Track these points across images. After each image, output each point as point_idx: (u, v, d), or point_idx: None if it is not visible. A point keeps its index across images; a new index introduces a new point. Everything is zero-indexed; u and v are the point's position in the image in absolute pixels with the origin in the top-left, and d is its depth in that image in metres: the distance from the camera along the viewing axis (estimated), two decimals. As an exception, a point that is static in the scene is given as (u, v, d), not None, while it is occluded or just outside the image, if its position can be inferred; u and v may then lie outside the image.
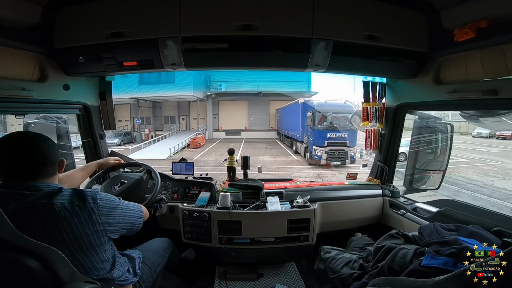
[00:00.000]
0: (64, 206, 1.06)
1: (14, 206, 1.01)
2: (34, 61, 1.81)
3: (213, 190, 2.42)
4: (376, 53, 1.90)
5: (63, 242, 1.06)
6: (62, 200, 1.07)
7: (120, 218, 1.24)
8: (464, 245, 1.22)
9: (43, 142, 1.14)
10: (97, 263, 1.17)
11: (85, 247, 1.11)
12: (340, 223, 2.43)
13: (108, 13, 1.75)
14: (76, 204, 1.09)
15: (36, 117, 2.36)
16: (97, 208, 1.13)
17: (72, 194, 1.11)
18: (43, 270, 0.94)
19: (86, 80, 2.28)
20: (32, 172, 1.09)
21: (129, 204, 1.34)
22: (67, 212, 1.06)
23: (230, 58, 1.90)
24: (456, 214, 1.88)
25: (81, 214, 1.09)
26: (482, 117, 1.99)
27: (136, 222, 1.36)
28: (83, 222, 1.09)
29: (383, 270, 1.38)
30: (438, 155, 2.60)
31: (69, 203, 1.08)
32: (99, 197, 1.16)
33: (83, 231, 1.10)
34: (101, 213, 1.15)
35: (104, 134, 2.58)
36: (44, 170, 1.12)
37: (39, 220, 1.03)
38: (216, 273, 2.42)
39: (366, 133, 2.66)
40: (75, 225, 1.07)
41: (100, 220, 1.14)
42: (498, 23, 1.42)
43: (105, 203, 1.18)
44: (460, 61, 1.76)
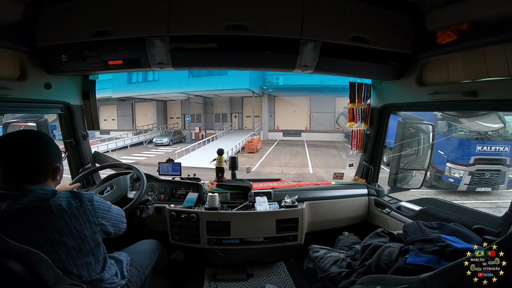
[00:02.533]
0: (62, 208, 1.07)
1: (8, 207, 1.01)
2: (14, 59, 1.74)
3: (200, 190, 2.40)
4: (363, 54, 1.92)
5: (62, 243, 1.06)
6: (60, 202, 1.08)
7: (112, 220, 1.28)
8: (447, 243, 1.27)
9: (40, 146, 1.13)
10: (92, 264, 1.17)
11: (83, 247, 1.12)
12: (328, 222, 2.47)
13: (93, 11, 1.70)
14: (73, 205, 1.10)
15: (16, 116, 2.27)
16: (94, 210, 1.16)
17: (69, 196, 1.12)
18: (26, 273, 0.93)
19: (68, 79, 2.20)
20: (26, 175, 1.08)
21: (116, 208, 1.38)
22: (65, 213, 1.07)
23: (218, 58, 1.89)
24: (438, 212, 1.94)
25: (79, 215, 1.11)
26: (462, 118, 2.07)
27: (122, 226, 1.39)
28: (81, 223, 1.11)
29: (370, 268, 1.41)
30: (420, 154, 2.69)
31: (66, 205, 1.08)
32: (95, 199, 1.19)
33: (82, 232, 1.11)
34: (98, 215, 1.18)
35: (87, 134, 2.51)
36: (38, 175, 1.11)
37: (37, 222, 1.03)
38: (205, 274, 2.40)
39: (352, 134, 2.71)
40: (73, 226, 1.08)
41: (97, 221, 1.17)
42: (479, 26, 1.47)
43: (100, 205, 1.21)
44: (442, 63, 1.82)
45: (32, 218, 1.02)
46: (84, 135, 2.46)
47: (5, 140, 1.11)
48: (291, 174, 12.62)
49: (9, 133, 1.15)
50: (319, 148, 19.41)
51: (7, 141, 1.11)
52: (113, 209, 1.32)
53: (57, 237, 1.04)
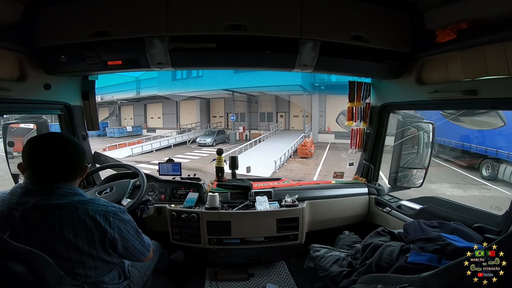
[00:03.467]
0: (87, 212, 1.09)
1: (36, 202, 1.05)
2: (13, 60, 1.74)
3: (201, 190, 2.40)
4: (362, 53, 1.93)
5: (75, 245, 1.07)
6: (87, 206, 1.11)
7: (128, 243, 1.24)
8: (448, 242, 1.27)
9: (73, 147, 1.18)
10: (99, 267, 1.18)
11: (93, 252, 1.12)
12: (328, 222, 2.47)
13: (92, 11, 1.70)
14: (98, 213, 1.12)
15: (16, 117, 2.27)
16: (115, 224, 1.16)
17: (98, 203, 1.15)
18: (28, 274, 0.93)
19: (68, 80, 2.20)
20: (59, 175, 1.13)
21: (143, 237, 1.35)
22: (87, 218, 1.09)
23: (218, 58, 1.89)
24: (438, 211, 1.94)
25: (100, 224, 1.11)
26: (461, 117, 2.07)
27: (139, 257, 1.33)
28: (101, 232, 1.12)
29: (371, 267, 1.41)
30: (420, 153, 2.69)
31: (92, 211, 1.11)
32: (121, 216, 1.19)
33: (96, 238, 1.11)
34: (118, 232, 1.17)
35: (87, 135, 2.51)
36: (69, 174, 1.16)
37: (58, 220, 1.05)
38: (206, 274, 2.40)
39: (352, 133, 2.71)
40: (91, 233, 1.10)
41: (116, 236, 1.16)
42: (478, 25, 1.48)
43: (126, 225, 1.21)
44: (441, 62, 1.82)
45: (56, 216, 1.05)
46: (84, 135, 2.46)
47: (38, 141, 1.16)
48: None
49: (41, 134, 1.20)
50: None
51: (41, 142, 1.16)
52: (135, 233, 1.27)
53: (73, 239, 1.06)
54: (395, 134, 2.64)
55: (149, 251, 1.38)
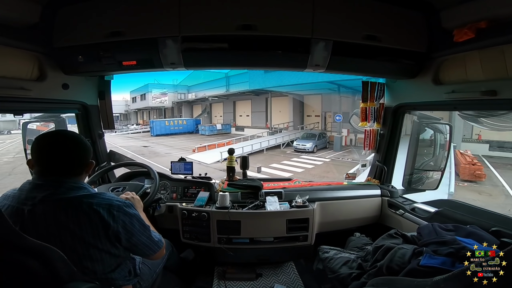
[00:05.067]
0: (92, 207, 1.12)
1: (43, 197, 1.09)
2: (33, 60, 1.80)
3: (212, 189, 2.42)
4: (376, 53, 1.89)
5: (81, 238, 1.10)
6: (92, 200, 1.14)
7: (135, 239, 1.24)
8: (462, 245, 1.23)
9: (79, 144, 1.23)
10: (107, 260, 1.20)
11: (100, 245, 1.15)
12: (339, 223, 2.43)
13: (108, 12, 1.74)
14: (101, 206, 1.13)
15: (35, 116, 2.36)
16: (119, 217, 1.17)
17: (103, 197, 1.18)
18: (42, 269, 0.95)
19: (85, 80, 2.27)
20: (66, 169, 1.17)
21: (152, 233, 1.35)
22: (92, 211, 1.11)
23: (229, 58, 1.90)
24: (454, 214, 1.88)
25: (104, 217, 1.13)
26: (480, 118, 2.00)
27: (147, 252, 1.33)
28: (104, 225, 1.13)
29: (381, 270, 1.38)
30: (436, 155, 2.62)
31: (96, 204, 1.13)
32: (125, 210, 1.20)
33: (102, 231, 1.13)
34: (122, 225, 1.18)
35: (103, 134, 2.58)
36: (75, 169, 1.20)
37: (65, 214, 1.09)
38: (215, 273, 2.42)
39: (365, 133, 2.67)
40: (96, 225, 1.12)
41: (120, 229, 1.17)
42: (497, 24, 1.43)
43: (132, 218, 1.22)
44: (459, 61, 1.77)
45: (62, 210, 1.09)
46: (100, 134, 2.53)
47: (46, 138, 1.21)
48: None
49: (49, 131, 1.26)
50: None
51: (48, 138, 1.21)
52: (142, 228, 1.26)
53: (78, 231, 1.09)
54: (410, 135, 2.58)
55: (160, 247, 1.37)
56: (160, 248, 1.38)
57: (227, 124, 29.57)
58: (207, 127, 28.32)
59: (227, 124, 29.57)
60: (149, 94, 34.88)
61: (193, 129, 30.44)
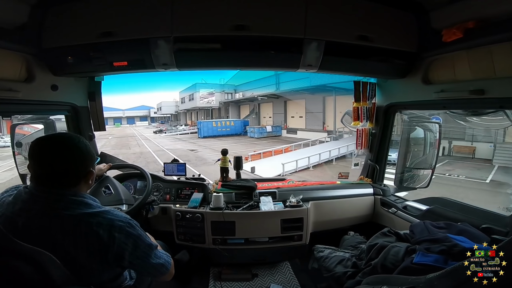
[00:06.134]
0: (91, 228, 1.02)
1: (39, 211, 1.01)
2: (21, 61, 1.77)
3: (205, 190, 2.41)
4: (367, 53, 1.92)
5: (74, 258, 1.01)
6: (92, 219, 1.04)
7: (139, 262, 1.15)
8: (454, 242, 1.26)
9: (76, 151, 1.10)
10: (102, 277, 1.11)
11: (95, 266, 1.06)
12: (333, 222, 2.45)
13: (98, 13, 1.71)
14: (102, 227, 1.04)
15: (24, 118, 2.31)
16: (121, 240, 1.07)
17: (104, 217, 1.07)
18: (35, 274, 0.93)
19: (74, 81, 2.23)
20: (59, 179, 1.06)
21: (159, 253, 1.23)
22: (90, 233, 1.02)
23: (222, 58, 1.90)
24: (445, 211, 1.92)
25: (103, 239, 1.03)
26: (468, 117, 2.04)
27: (154, 274, 1.25)
28: (103, 249, 1.04)
29: (376, 268, 1.40)
30: (427, 153, 2.66)
31: (96, 225, 1.03)
32: (128, 231, 1.09)
33: (99, 256, 1.05)
34: (124, 248, 1.08)
35: (93, 135, 2.53)
36: (70, 179, 1.09)
37: (61, 231, 1.00)
38: (210, 274, 2.41)
39: (357, 133, 2.69)
40: (92, 249, 1.03)
41: (121, 252, 1.08)
42: (485, 24, 1.46)
43: (135, 240, 1.11)
44: (448, 61, 1.80)
45: (58, 228, 1.00)
46: (90, 136, 2.48)
47: (40, 143, 1.09)
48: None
49: (45, 135, 1.14)
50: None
51: (43, 144, 1.09)
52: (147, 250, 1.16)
53: (73, 253, 1.01)
54: (401, 134, 2.62)
55: (167, 270, 1.26)
56: (168, 270, 1.27)
57: (278, 126, 27.19)
58: (256, 129, 26.06)
59: (278, 126, 27.19)
60: (197, 94, 33.64)
61: (241, 131, 28.65)
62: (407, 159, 2.60)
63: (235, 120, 30.79)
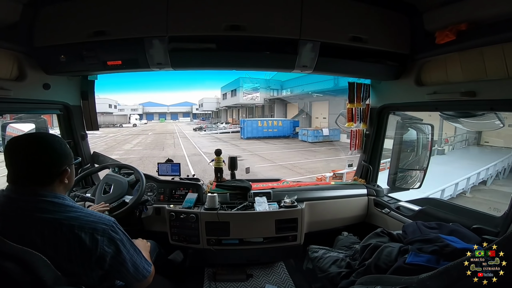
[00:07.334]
0: (73, 231, 1.01)
1: (18, 215, 1.00)
2: (12, 59, 1.74)
3: (200, 191, 2.39)
4: (361, 54, 1.93)
5: (57, 262, 0.99)
6: (73, 222, 1.02)
7: (119, 266, 1.13)
8: (446, 243, 1.28)
9: (50, 150, 1.08)
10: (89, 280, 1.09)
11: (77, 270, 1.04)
12: (327, 223, 2.47)
13: (92, 11, 1.70)
14: (84, 231, 1.02)
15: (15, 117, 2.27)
16: (103, 243, 1.06)
17: (86, 220, 1.05)
18: (24, 274, 0.92)
19: (67, 79, 2.20)
20: (32, 178, 1.05)
21: (142, 260, 1.22)
22: (72, 237, 1.01)
23: (217, 58, 1.89)
24: (437, 212, 1.95)
25: (85, 243, 1.02)
26: (460, 118, 2.07)
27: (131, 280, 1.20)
28: (85, 253, 1.03)
29: (369, 268, 1.41)
30: (419, 154, 2.69)
31: (78, 228, 1.02)
32: (111, 235, 1.08)
33: (80, 259, 1.03)
34: (106, 251, 1.06)
35: (86, 135, 2.51)
36: (43, 178, 1.06)
37: (41, 236, 0.98)
38: (205, 274, 2.40)
39: (351, 134, 2.71)
40: (74, 252, 1.02)
41: (103, 255, 1.06)
42: (477, 26, 1.49)
43: (118, 243, 1.10)
44: (441, 63, 1.83)
45: (39, 233, 0.99)
46: (83, 135, 2.46)
47: (15, 142, 1.08)
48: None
49: (20, 135, 1.11)
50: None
51: (17, 143, 1.08)
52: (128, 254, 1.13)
53: (55, 258, 0.99)
54: (394, 136, 2.64)
55: (145, 277, 1.22)
56: (145, 278, 1.22)
57: (335, 129, 21.66)
58: (310, 132, 21.42)
59: (335, 129, 21.66)
60: (240, 90, 29.75)
61: (289, 132, 24.22)
62: (400, 160, 2.63)
63: (283, 119, 26.18)
